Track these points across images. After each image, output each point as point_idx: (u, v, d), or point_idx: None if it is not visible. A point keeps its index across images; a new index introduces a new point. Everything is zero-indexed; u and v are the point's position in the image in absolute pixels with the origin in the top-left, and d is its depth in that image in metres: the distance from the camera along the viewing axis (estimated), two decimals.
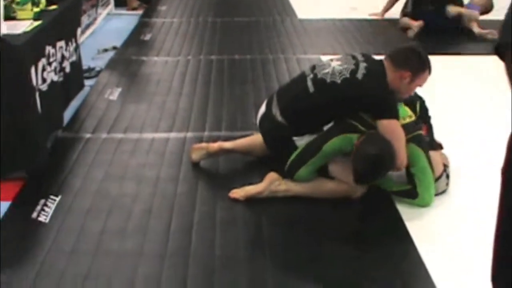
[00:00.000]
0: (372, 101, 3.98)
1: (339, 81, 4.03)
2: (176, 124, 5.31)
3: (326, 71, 4.12)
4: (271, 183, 4.11)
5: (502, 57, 1.96)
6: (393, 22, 8.87)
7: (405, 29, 8.39)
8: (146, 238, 3.67)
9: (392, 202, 4.10)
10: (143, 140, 4.99)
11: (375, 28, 8.66)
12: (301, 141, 4.17)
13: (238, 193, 4.10)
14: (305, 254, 3.59)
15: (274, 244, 3.70)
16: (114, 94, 6.01)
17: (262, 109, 4.40)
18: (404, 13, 8.58)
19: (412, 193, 4.05)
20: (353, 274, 3.41)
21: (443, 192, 4.21)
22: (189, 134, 5.08)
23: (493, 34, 7.82)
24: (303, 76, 4.27)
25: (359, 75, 4.00)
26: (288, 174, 4.14)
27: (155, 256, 3.50)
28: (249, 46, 7.79)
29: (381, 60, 4.12)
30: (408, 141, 3.98)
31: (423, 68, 4.04)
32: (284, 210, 4.05)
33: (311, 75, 4.18)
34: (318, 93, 4.10)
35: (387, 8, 9.11)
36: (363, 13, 9.38)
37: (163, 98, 5.92)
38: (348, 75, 4.02)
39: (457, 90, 6.13)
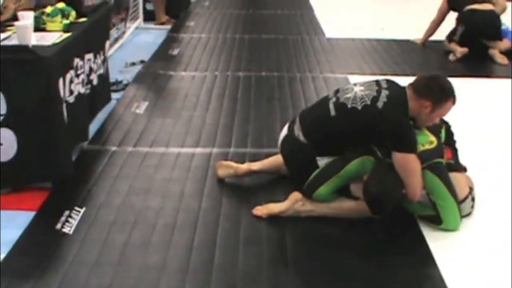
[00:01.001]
0: (389, 130, 3.96)
1: (359, 108, 4.03)
2: (202, 139, 5.31)
3: (348, 95, 4.12)
4: (295, 202, 4.10)
5: None
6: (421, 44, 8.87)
7: (448, 52, 8.36)
8: (169, 252, 3.67)
9: (415, 223, 4.08)
10: (169, 154, 4.99)
11: (403, 49, 8.62)
12: (323, 161, 4.16)
13: (261, 210, 4.09)
14: (328, 273, 3.56)
15: (298, 262, 3.68)
16: (141, 108, 6.03)
17: (284, 132, 4.41)
18: (449, 39, 8.50)
19: (436, 219, 4.03)
20: None
21: (469, 214, 4.17)
22: (215, 150, 5.08)
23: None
24: (326, 100, 4.28)
25: (380, 103, 3.99)
26: (306, 192, 4.13)
27: (178, 271, 3.49)
28: (277, 64, 7.79)
29: (404, 88, 4.10)
30: (424, 168, 3.96)
31: (445, 98, 3.99)
32: (308, 228, 4.03)
33: (334, 99, 4.19)
34: (339, 117, 4.11)
35: (429, 35, 8.99)
36: (391, 34, 9.36)
37: (189, 113, 5.93)
38: (369, 102, 4.01)
39: (486, 114, 6.09)
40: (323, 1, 11.89)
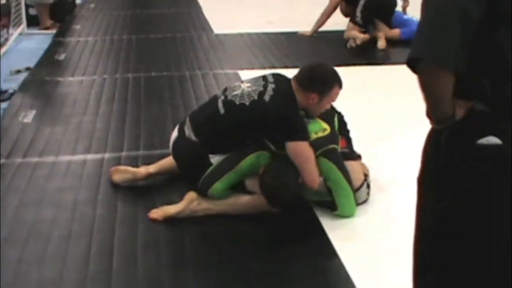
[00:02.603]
0: (278, 122, 4.01)
1: (247, 103, 4.06)
2: (94, 145, 5.22)
3: (236, 93, 4.14)
4: (191, 202, 4.08)
5: (414, 70, 2.00)
6: (309, 35, 8.97)
7: (348, 40, 8.52)
8: (65, 264, 3.58)
9: (314, 214, 4.12)
10: (60, 163, 4.88)
11: (291, 41, 8.70)
12: (215, 158, 4.15)
13: (157, 213, 4.05)
14: (228, 272, 3.56)
15: (197, 263, 3.67)
16: (29, 116, 5.86)
17: (174, 134, 4.39)
18: (353, 22, 8.63)
19: (332, 205, 4.09)
20: None
21: (365, 201, 4.24)
22: (107, 155, 4.99)
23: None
24: (215, 98, 4.31)
25: (267, 96, 4.04)
26: (201, 190, 4.12)
27: (76, 283, 3.42)
28: (166, 63, 7.73)
29: (290, 80, 4.14)
30: (319, 156, 4.01)
31: (330, 87, 4.07)
32: (205, 228, 4.02)
33: (222, 97, 4.21)
34: (228, 114, 4.13)
35: (318, 26, 9.07)
36: (280, 27, 9.42)
37: (79, 119, 5.81)
38: (256, 97, 4.06)
39: (374, 100, 6.20)
40: None
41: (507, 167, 2.02)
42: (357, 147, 4.42)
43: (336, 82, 4.10)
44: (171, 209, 4.06)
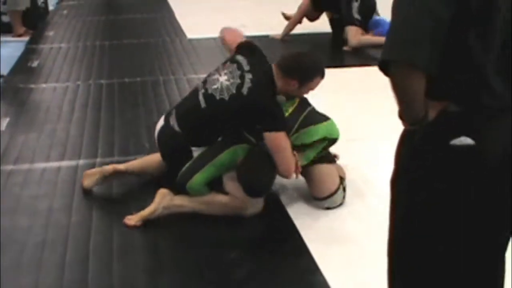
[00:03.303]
0: (257, 113, 4.05)
1: (227, 98, 4.09)
2: (68, 152, 5.21)
3: (215, 87, 4.17)
4: (163, 198, 4.08)
5: (385, 73, 2.03)
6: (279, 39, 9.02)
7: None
8: (41, 272, 3.58)
9: (289, 219, 4.14)
10: (34, 170, 4.87)
11: (264, 44, 8.69)
12: (198, 151, 4.19)
13: (133, 219, 4.04)
14: (205, 275, 3.58)
15: (173, 267, 3.68)
16: (2, 124, 5.83)
17: (160, 122, 4.42)
18: (350, 23, 8.60)
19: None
20: None
21: (341, 204, 4.27)
22: (81, 162, 4.99)
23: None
24: (196, 91, 4.33)
25: (245, 89, 4.06)
26: (180, 182, 4.15)
27: None
28: (139, 69, 7.72)
29: (268, 67, 4.18)
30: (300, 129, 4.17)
31: (311, 76, 4.15)
32: (181, 232, 4.04)
33: (203, 90, 4.24)
34: (209, 108, 4.16)
35: (288, 31, 9.10)
36: (253, 30, 9.42)
37: (53, 126, 5.80)
38: (234, 91, 4.08)
39: (347, 101, 6.23)
40: (183, 2, 11.85)
41: (480, 168, 2.05)
42: (332, 148, 4.45)
43: (317, 72, 4.17)
44: (145, 212, 4.06)
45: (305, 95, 4.32)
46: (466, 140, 2.02)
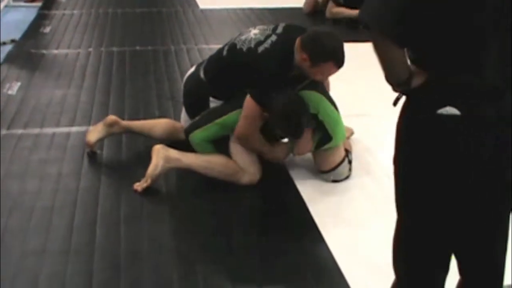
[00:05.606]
0: (253, 74, 4.04)
1: (244, 49, 4.10)
2: (78, 118, 5.24)
3: (243, 37, 4.20)
4: (158, 151, 4.10)
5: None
6: (296, 10, 9.00)
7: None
8: (49, 235, 3.62)
9: (294, 186, 4.17)
10: (44, 135, 4.90)
11: (276, 17, 8.70)
12: (213, 104, 4.25)
13: (141, 184, 4.07)
14: (211, 245, 3.61)
15: (180, 235, 3.72)
16: (13, 88, 5.87)
17: (191, 70, 4.52)
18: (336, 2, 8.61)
19: (325, 139, 4.17)
20: (261, 262, 3.45)
21: (347, 177, 4.29)
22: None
23: None
24: (229, 42, 4.35)
25: (261, 48, 4.06)
26: (186, 132, 4.25)
27: (59, 254, 3.46)
28: (151, 37, 7.73)
29: (295, 38, 4.05)
30: (303, 89, 4.11)
31: (323, 58, 3.94)
32: (188, 202, 4.07)
33: (232, 40, 4.28)
34: (228, 57, 4.21)
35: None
36: (265, 2, 9.41)
37: (63, 92, 5.82)
38: (252, 46, 4.08)
39: (356, 76, 6.22)
40: None
41: (466, 137, 2.03)
42: (345, 123, 4.45)
43: (331, 56, 3.96)
44: (149, 170, 4.08)
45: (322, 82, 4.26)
46: (451, 110, 2.00)
